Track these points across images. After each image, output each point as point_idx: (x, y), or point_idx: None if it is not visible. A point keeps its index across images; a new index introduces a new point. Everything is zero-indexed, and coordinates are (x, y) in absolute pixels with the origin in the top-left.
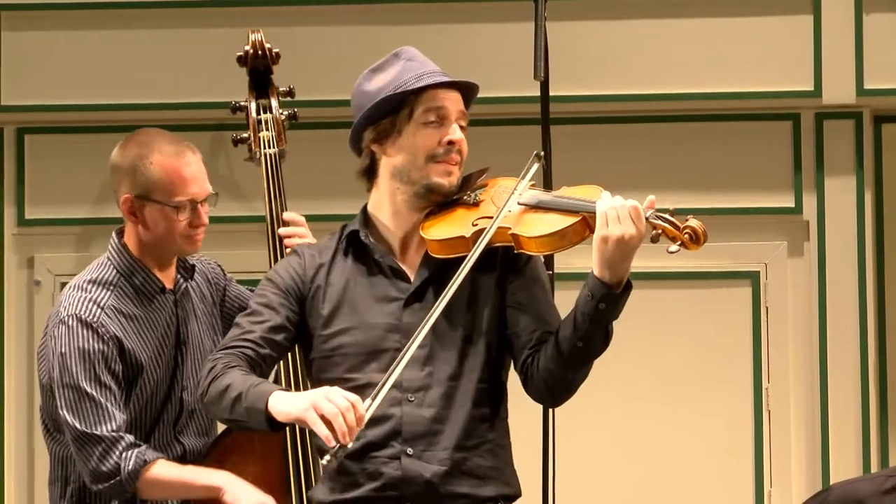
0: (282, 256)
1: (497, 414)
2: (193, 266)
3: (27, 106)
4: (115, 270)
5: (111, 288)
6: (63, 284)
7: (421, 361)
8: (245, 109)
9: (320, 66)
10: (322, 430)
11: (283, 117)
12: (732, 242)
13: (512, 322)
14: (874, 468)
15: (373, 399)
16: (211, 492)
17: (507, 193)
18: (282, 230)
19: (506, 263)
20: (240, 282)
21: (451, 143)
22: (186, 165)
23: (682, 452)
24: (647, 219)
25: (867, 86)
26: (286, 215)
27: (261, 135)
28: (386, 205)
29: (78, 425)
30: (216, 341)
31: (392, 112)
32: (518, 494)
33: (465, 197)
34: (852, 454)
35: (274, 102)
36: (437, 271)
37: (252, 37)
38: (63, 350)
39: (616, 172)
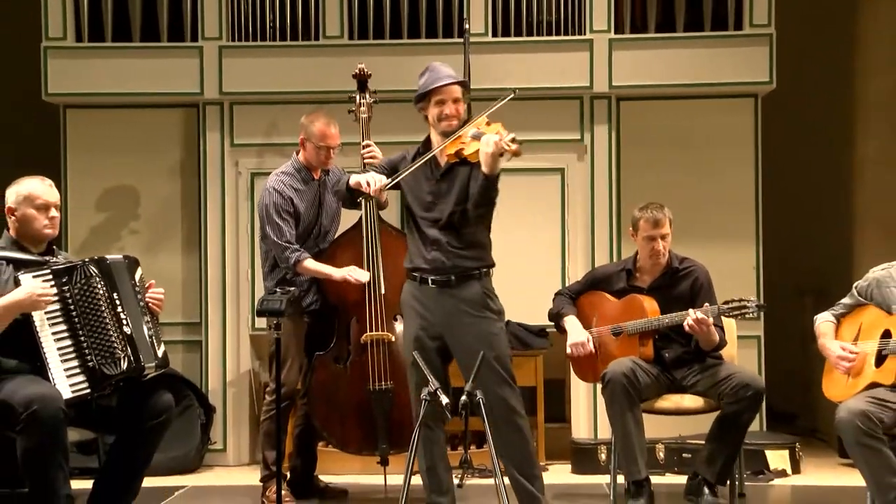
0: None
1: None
2: (328, 170)
3: (234, 92)
4: (293, 168)
5: (290, 176)
6: (252, 175)
7: (434, 206)
8: (355, 97)
9: (387, 77)
10: (362, 183)
11: (371, 101)
12: (552, 154)
13: (470, 189)
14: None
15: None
16: (338, 276)
17: (466, 128)
18: (363, 151)
19: (476, 166)
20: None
21: (447, 114)
22: (328, 129)
23: (527, 257)
24: (496, 143)
25: (614, 83)
26: (364, 142)
27: (361, 108)
28: (432, 134)
29: (274, 238)
30: (338, 203)
31: (426, 95)
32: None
33: (460, 131)
34: (604, 257)
35: (367, 94)
36: (452, 167)
37: (359, 65)
38: (266, 204)
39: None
